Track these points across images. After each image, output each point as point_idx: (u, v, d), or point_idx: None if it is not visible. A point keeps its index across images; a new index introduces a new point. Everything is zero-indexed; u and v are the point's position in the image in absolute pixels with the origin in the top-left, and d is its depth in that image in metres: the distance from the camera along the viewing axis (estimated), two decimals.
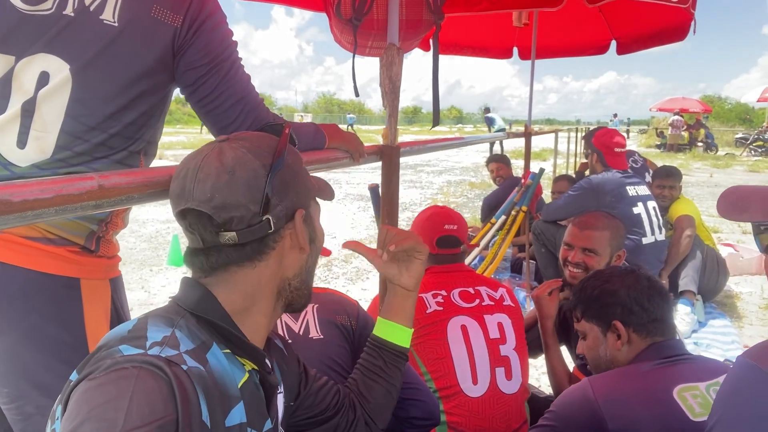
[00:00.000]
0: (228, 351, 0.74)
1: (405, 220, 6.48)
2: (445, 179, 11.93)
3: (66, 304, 1.00)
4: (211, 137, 1.01)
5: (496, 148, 15.78)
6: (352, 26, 1.58)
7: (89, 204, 0.72)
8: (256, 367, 0.78)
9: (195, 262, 0.78)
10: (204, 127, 1.16)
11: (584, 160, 4.90)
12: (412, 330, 1.09)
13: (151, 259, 4.96)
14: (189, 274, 0.81)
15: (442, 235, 1.73)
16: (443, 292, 1.64)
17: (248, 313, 0.79)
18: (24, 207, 0.63)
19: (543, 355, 1.94)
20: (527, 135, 4.64)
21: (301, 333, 1.35)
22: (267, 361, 0.82)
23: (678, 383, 1.19)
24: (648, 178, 4.44)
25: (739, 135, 22.59)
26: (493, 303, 1.66)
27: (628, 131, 37.09)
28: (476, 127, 57.55)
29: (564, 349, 2.34)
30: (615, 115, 29.93)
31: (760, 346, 0.81)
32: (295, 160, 0.84)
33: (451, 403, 1.57)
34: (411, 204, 8.24)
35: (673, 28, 4.21)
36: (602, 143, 3.51)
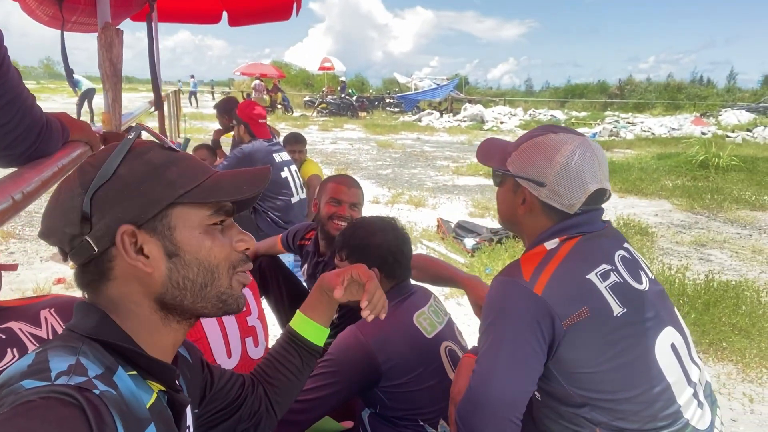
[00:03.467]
0: (134, 373, 0.72)
1: None
2: None
3: None
4: None
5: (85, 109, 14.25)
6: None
7: None
8: (163, 389, 0.76)
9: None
10: None
11: (218, 128, 5.09)
12: (329, 331, 1.13)
13: None
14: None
15: None
16: None
17: (144, 332, 0.75)
18: None
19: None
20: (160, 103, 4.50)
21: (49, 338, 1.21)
22: (177, 379, 0.79)
23: (414, 311, 1.58)
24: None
25: (307, 98, 26.50)
26: None
27: (212, 93, 38.45)
28: (40, 83, 49.11)
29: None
30: (192, 77, 30.35)
31: (507, 267, 1.24)
32: (133, 168, 0.74)
33: None
34: None
35: (278, 7, 4.72)
36: (247, 115, 3.80)
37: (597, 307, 1.14)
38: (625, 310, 1.16)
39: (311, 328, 1.10)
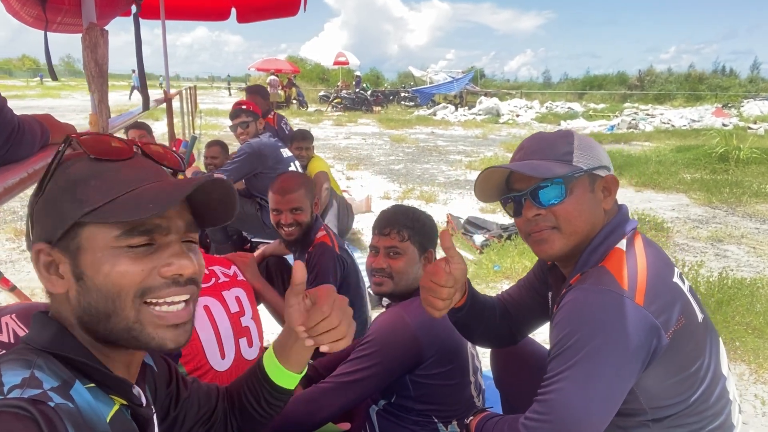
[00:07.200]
0: (92, 386, 0.70)
1: None
2: None
3: None
4: None
5: None
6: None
7: None
8: (125, 402, 0.74)
9: None
10: None
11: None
12: (303, 373, 1.01)
13: None
14: None
15: None
16: None
17: (91, 349, 0.73)
18: None
19: None
20: (167, 101, 4.52)
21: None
22: (138, 391, 0.77)
23: None
24: None
25: (322, 93, 26.50)
26: (228, 279, 1.75)
27: (229, 89, 38.67)
28: (61, 80, 49.90)
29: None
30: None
31: (594, 275, 1.09)
32: (56, 183, 0.71)
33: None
34: None
35: (285, 3, 4.69)
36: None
37: (688, 314, 1.09)
38: (704, 315, 1.13)
39: (282, 374, 0.98)
